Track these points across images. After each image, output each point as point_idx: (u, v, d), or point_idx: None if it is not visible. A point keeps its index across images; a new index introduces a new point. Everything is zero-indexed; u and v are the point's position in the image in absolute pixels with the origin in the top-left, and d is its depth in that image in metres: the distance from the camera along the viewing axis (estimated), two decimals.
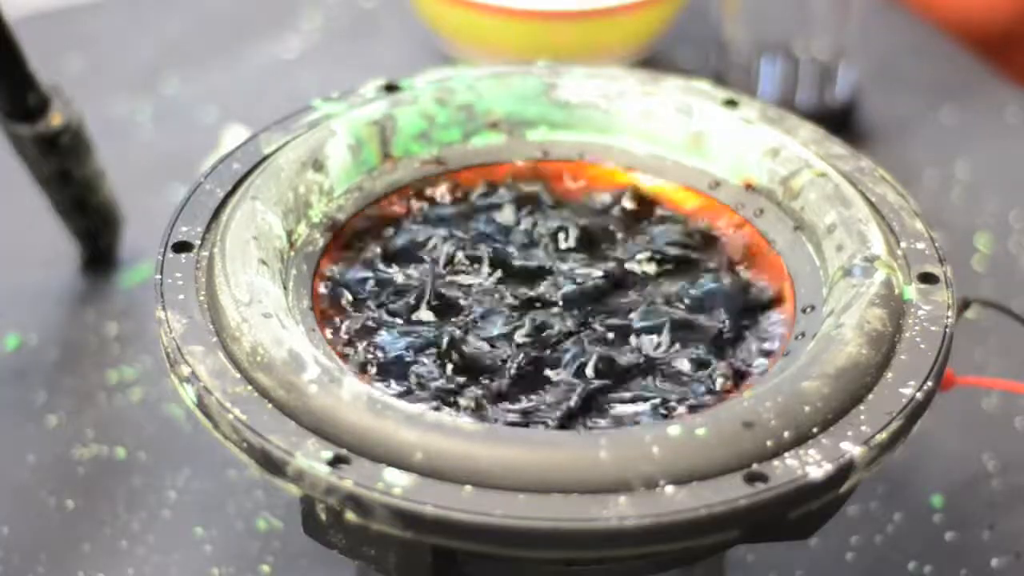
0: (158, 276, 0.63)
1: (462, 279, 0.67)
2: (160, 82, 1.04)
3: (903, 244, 0.66)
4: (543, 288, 0.67)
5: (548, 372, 0.63)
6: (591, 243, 0.69)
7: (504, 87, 0.73)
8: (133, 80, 1.04)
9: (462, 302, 0.66)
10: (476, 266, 0.68)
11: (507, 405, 0.62)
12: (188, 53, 1.07)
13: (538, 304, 0.66)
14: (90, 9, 1.11)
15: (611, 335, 0.65)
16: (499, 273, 0.67)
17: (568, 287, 0.66)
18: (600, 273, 0.67)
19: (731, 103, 0.72)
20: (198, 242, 0.65)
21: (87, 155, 0.85)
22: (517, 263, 0.68)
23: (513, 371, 0.63)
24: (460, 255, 0.68)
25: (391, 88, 0.73)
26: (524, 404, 0.62)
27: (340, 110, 0.71)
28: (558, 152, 0.72)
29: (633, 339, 0.65)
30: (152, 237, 0.67)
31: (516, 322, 0.65)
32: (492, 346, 0.64)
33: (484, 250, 0.68)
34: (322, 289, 0.66)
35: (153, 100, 1.03)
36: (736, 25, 1.00)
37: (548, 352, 0.64)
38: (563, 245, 0.69)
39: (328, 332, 0.64)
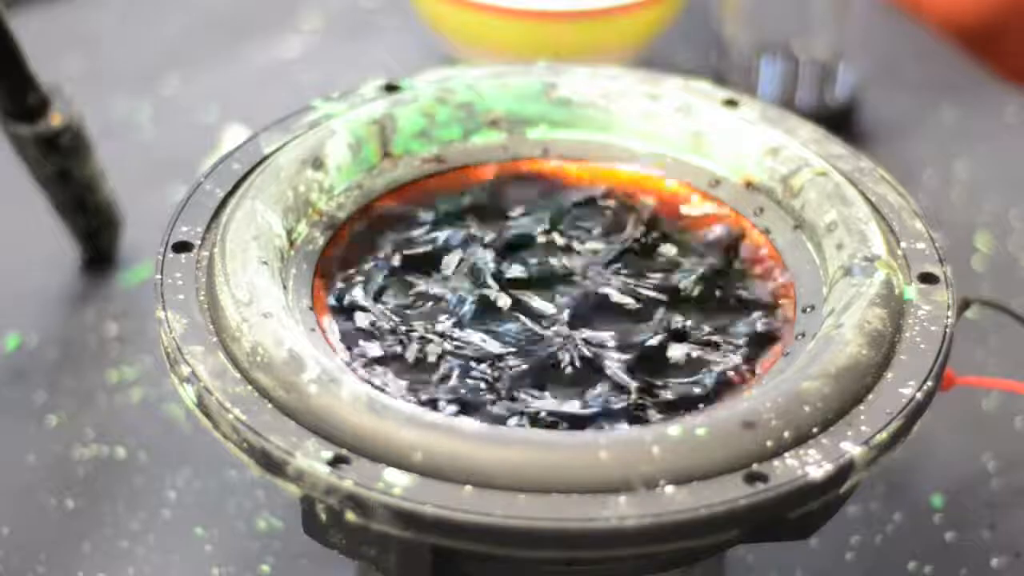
0: (158, 276, 0.63)
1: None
2: (160, 82, 1.04)
3: (903, 244, 0.66)
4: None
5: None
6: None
7: (504, 86, 0.73)
8: (133, 80, 1.04)
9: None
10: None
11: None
12: (188, 53, 1.07)
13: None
14: (90, 9, 1.11)
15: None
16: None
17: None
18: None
19: (731, 103, 0.72)
20: (198, 242, 0.65)
21: (87, 155, 0.85)
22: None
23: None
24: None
25: (391, 88, 0.73)
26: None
27: (340, 110, 0.71)
28: (559, 150, 0.72)
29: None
30: (152, 237, 0.67)
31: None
32: None
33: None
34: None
35: (153, 100, 1.02)
36: (736, 25, 1.00)
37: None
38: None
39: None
